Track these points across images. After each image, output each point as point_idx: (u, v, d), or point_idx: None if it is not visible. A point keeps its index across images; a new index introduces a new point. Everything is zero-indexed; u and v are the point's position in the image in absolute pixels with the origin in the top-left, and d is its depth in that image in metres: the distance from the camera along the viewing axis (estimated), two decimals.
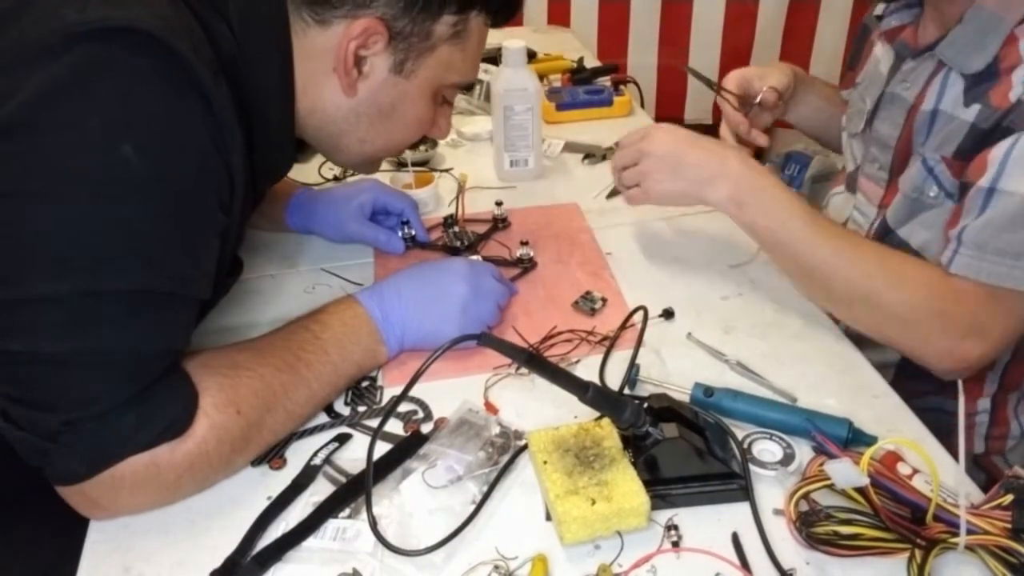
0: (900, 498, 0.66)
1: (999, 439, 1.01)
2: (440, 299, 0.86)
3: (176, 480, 0.69)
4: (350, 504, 0.71)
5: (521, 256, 1.03)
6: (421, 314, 0.85)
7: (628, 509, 0.66)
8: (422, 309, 0.85)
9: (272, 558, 0.67)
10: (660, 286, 1.01)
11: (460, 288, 0.86)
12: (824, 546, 0.66)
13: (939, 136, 0.89)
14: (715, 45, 2.29)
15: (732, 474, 0.72)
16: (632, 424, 0.71)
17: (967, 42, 0.86)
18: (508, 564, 0.66)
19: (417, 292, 0.86)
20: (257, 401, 0.73)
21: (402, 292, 0.85)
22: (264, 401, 0.73)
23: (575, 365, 0.88)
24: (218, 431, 0.70)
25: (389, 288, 0.86)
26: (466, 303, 0.86)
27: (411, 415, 0.82)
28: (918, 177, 0.92)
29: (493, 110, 1.22)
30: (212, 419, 0.70)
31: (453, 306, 0.86)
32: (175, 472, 0.69)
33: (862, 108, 1.05)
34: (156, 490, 0.69)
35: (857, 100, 1.08)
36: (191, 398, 0.69)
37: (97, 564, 0.68)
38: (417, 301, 0.85)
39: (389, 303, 0.84)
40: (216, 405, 0.70)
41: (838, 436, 0.75)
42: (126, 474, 0.67)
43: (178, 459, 0.68)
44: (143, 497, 0.70)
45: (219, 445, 0.70)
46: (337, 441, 0.78)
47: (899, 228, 0.97)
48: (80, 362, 0.64)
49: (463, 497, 0.72)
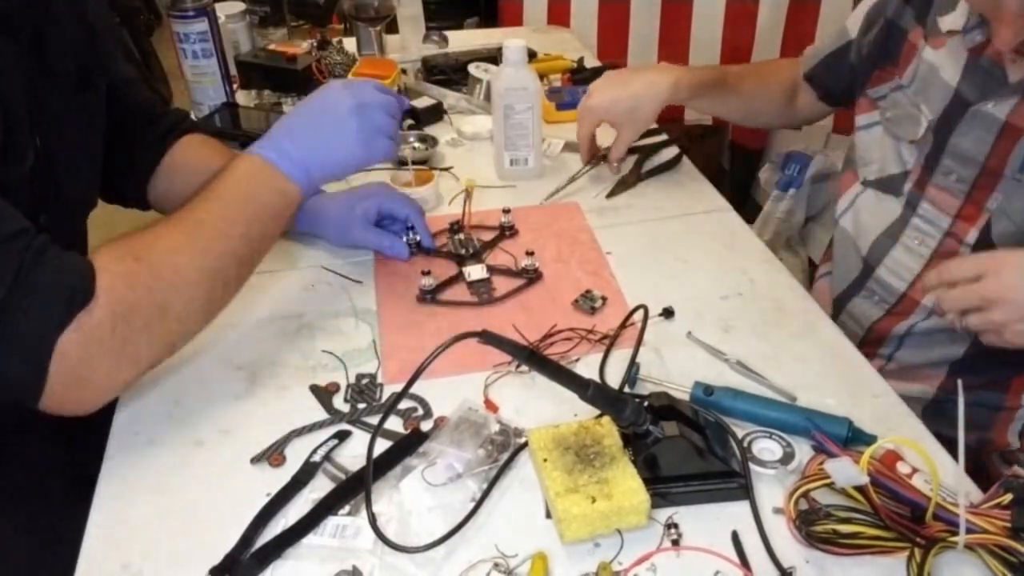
0: (900, 497, 0.66)
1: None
2: (330, 120, 0.87)
3: (114, 334, 0.70)
4: (350, 501, 0.71)
5: (526, 267, 1.02)
6: (316, 140, 0.86)
7: (628, 507, 0.66)
8: (316, 135, 0.86)
9: (272, 555, 0.67)
10: (660, 285, 1.01)
11: (345, 106, 0.87)
12: (824, 545, 0.66)
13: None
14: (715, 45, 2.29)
15: (732, 473, 0.72)
16: (632, 422, 0.71)
17: None
18: (508, 562, 0.66)
19: (305, 121, 0.87)
20: (156, 247, 0.75)
21: (290, 127, 0.87)
22: (165, 246, 0.76)
23: (575, 364, 0.88)
24: (124, 278, 0.72)
25: (279, 130, 0.88)
26: (358, 120, 0.87)
27: (411, 412, 0.82)
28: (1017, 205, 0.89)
29: (493, 109, 1.22)
30: (113, 270, 0.71)
31: (345, 123, 0.87)
32: (107, 327, 0.69)
33: (915, 114, 1.01)
34: (106, 352, 0.70)
35: (907, 105, 1.03)
36: (81, 264, 0.70)
37: (95, 560, 0.68)
38: (307, 130, 0.86)
39: (283, 143, 0.86)
40: (114, 259, 0.72)
41: (838, 435, 0.75)
42: (68, 351, 0.67)
43: (100, 315, 0.69)
44: (100, 364, 0.70)
45: (132, 289, 0.72)
46: (337, 438, 0.78)
47: None
48: None
49: (463, 495, 0.72)
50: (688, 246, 1.09)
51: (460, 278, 1.01)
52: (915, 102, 1.02)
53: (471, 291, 0.99)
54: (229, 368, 0.88)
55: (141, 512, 0.72)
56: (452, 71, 1.56)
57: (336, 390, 0.85)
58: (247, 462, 0.76)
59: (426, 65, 1.61)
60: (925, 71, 1.01)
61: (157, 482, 0.75)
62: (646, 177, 1.26)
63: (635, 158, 1.31)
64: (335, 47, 1.63)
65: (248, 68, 1.55)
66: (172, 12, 1.34)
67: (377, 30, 1.67)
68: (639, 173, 1.26)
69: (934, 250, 1.01)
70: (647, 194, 1.23)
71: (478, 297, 0.98)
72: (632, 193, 1.23)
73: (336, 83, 0.90)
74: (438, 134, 1.38)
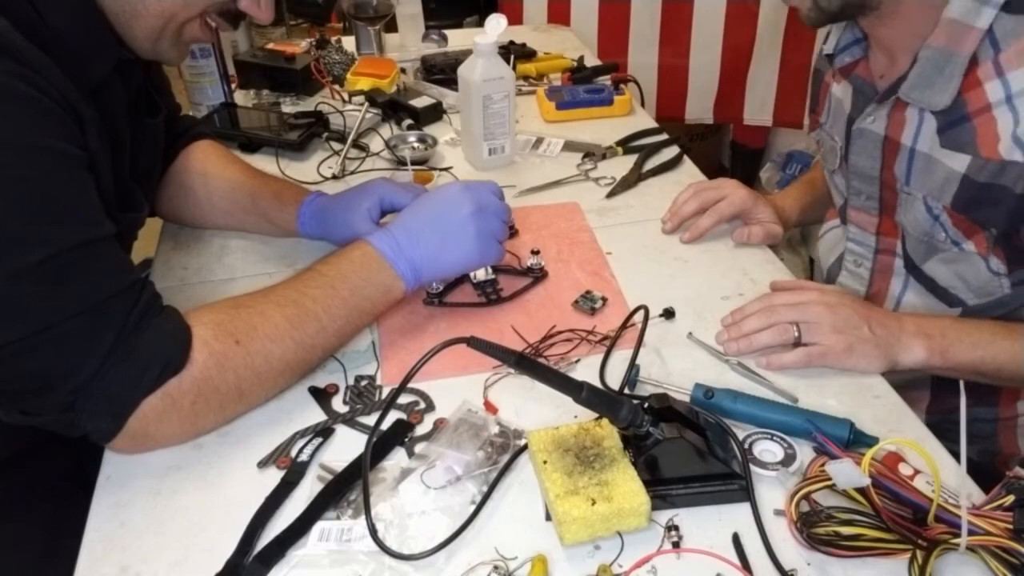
0: (901, 499, 0.66)
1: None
2: (450, 227, 0.87)
3: (192, 407, 0.74)
4: (349, 503, 0.71)
5: (531, 266, 1.02)
6: (434, 241, 0.87)
7: (628, 509, 0.66)
8: (434, 237, 0.87)
9: (275, 557, 0.67)
10: (660, 286, 1.00)
11: (466, 211, 0.87)
12: (825, 547, 0.66)
13: (924, 178, 0.90)
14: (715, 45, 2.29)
15: (733, 474, 0.71)
16: (630, 423, 0.70)
17: (927, 82, 0.86)
18: (508, 564, 0.66)
19: (427, 224, 0.87)
20: (256, 332, 0.77)
21: (410, 226, 0.87)
22: (265, 333, 0.77)
23: (575, 365, 0.87)
24: (218, 358, 0.74)
25: (398, 226, 0.88)
26: (476, 225, 0.87)
27: (413, 406, 0.82)
28: (924, 222, 0.92)
29: (470, 101, 1.22)
30: (211, 347, 0.74)
31: (464, 229, 0.87)
32: (188, 399, 0.73)
33: (833, 145, 1.07)
34: (178, 420, 0.74)
35: (827, 139, 1.09)
36: (182, 333, 0.73)
37: (94, 563, 0.68)
38: (428, 234, 0.87)
39: (400, 239, 0.86)
40: (216, 336, 0.75)
41: (839, 437, 0.75)
42: (147, 413, 0.72)
43: (187, 387, 0.73)
44: (169, 428, 0.74)
45: (221, 372, 0.75)
46: (321, 436, 0.78)
47: (922, 265, 0.97)
48: (43, 339, 0.66)
49: (462, 497, 0.71)
50: (688, 246, 1.09)
51: (466, 279, 1.01)
52: (831, 135, 1.07)
53: (478, 292, 0.99)
54: None
55: (140, 515, 0.72)
56: (451, 70, 1.55)
57: (335, 392, 0.84)
58: (246, 465, 0.76)
59: (425, 64, 1.61)
60: (835, 105, 1.06)
61: (156, 485, 0.74)
62: (647, 177, 1.26)
63: (635, 158, 1.30)
64: (334, 46, 1.63)
65: (247, 68, 1.55)
66: None
67: (376, 29, 1.67)
68: (640, 173, 1.26)
69: (872, 270, 1.05)
70: (648, 194, 1.22)
71: (486, 298, 0.98)
72: (632, 193, 1.22)
73: (457, 185, 0.90)
74: (437, 134, 1.38)
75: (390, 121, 1.43)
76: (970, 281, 0.93)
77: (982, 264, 0.90)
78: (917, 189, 0.92)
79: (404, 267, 0.85)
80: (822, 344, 0.85)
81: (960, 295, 0.95)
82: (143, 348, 0.71)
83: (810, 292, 0.90)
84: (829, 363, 0.85)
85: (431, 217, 0.87)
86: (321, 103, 1.47)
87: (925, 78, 0.86)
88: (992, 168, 0.83)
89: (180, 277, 1.04)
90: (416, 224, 0.87)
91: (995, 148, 0.82)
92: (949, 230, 0.90)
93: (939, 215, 0.90)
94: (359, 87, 1.49)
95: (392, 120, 1.43)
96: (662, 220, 1.11)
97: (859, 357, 0.84)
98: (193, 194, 1.08)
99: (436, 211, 0.88)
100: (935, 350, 0.85)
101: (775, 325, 0.87)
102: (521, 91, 1.52)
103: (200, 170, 1.07)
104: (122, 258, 0.74)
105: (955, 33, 0.83)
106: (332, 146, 1.32)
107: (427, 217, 0.88)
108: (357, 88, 1.49)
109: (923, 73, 0.86)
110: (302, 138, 1.31)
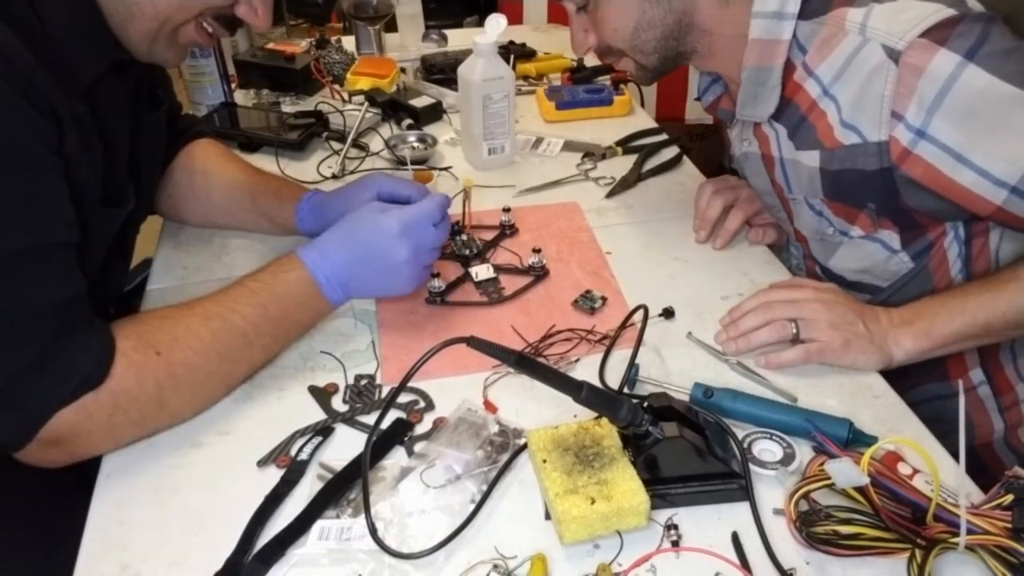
0: (900, 498, 0.66)
1: (1012, 408, 1.00)
2: (384, 266, 0.86)
3: (109, 419, 0.73)
4: (349, 502, 0.71)
5: (532, 264, 1.02)
6: (369, 279, 0.87)
7: (628, 508, 0.66)
8: (369, 275, 0.86)
9: (274, 556, 0.67)
10: (659, 285, 1.00)
11: (402, 257, 0.85)
12: (824, 546, 0.66)
13: (799, 181, 0.96)
14: None
15: (732, 474, 0.72)
16: (630, 423, 0.70)
17: (752, 99, 0.94)
18: (507, 563, 0.66)
19: (361, 260, 0.85)
20: (179, 344, 0.76)
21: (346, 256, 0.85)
22: (188, 344, 0.77)
23: (574, 364, 0.88)
24: (137, 369, 0.73)
25: (334, 252, 0.86)
26: (411, 268, 0.87)
27: (412, 405, 0.82)
28: (812, 220, 0.98)
29: (470, 101, 1.22)
30: (130, 358, 0.73)
31: (398, 274, 0.86)
32: (105, 412, 0.72)
33: None
34: (96, 434, 0.73)
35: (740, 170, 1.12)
36: (106, 345, 0.73)
37: (94, 562, 0.68)
38: (363, 269, 0.86)
39: (337, 266, 0.85)
40: (135, 347, 0.74)
41: (838, 436, 0.75)
42: (61, 426, 0.70)
43: (103, 399, 0.72)
44: (86, 442, 0.73)
45: (140, 383, 0.74)
46: (321, 435, 0.78)
47: (827, 263, 1.02)
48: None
49: (462, 496, 0.72)
50: (688, 246, 1.09)
51: (467, 278, 1.01)
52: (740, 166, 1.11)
53: (480, 291, 0.99)
54: None
55: (140, 514, 0.72)
56: (451, 70, 1.55)
57: (335, 391, 0.84)
58: (246, 463, 0.76)
59: (425, 64, 1.61)
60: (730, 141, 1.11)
61: (156, 484, 0.74)
62: (646, 177, 1.26)
63: (635, 158, 1.30)
64: (334, 46, 1.63)
65: (246, 67, 1.55)
66: None
67: (376, 29, 1.67)
68: (639, 173, 1.26)
69: (808, 274, 1.09)
70: (647, 194, 1.23)
71: (488, 297, 0.98)
72: (632, 193, 1.23)
73: (396, 226, 0.85)
74: (437, 133, 1.38)
75: (390, 121, 1.43)
76: (872, 267, 0.97)
77: (876, 246, 0.94)
78: (798, 192, 0.98)
79: (336, 294, 0.86)
80: (820, 340, 0.85)
81: (871, 282, 0.99)
82: (62, 361, 0.70)
83: (806, 289, 0.91)
84: (827, 360, 0.86)
85: (366, 253, 0.85)
86: (321, 103, 1.47)
87: (750, 95, 0.93)
88: (839, 155, 0.88)
89: (180, 277, 1.04)
90: (352, 255, 0.86)
91: (833, 137, 0.88)
92: (833, 221, 0.95)
93: (821, 210, 0.96)
94: (359, 87, 1.49)
95: (392, 120, 1.43)
96: (694, 230, 1.11)
97: (857, 353, 0.85)
98: (193, 192, 1.08)
99: (371, 248, 0.85)
100: (919, 334, 0.86)
101: (773, 322, 0.87)
102: (521, 91, 1.52)
103: (200, 168, 1.07)
104: (66, 269, 0.73)
105: (765, 50, 0.90)
106: (332, 146, 1.32)
107: (362, 251, 0.86)
108: (357, 88, 1.50)
109: (747, 91, 0.93)
110: (302, 138, 1.31)
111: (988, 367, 0.99)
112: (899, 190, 0.86)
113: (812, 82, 0.88)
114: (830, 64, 0.86)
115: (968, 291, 0.87)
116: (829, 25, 0.85)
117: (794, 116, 0.92)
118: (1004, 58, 0.77)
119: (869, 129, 0.84)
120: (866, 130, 0.85)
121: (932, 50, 0.78)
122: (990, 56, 0.77)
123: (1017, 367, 0.99)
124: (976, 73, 0.77)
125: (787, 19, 0.88)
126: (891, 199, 0.88)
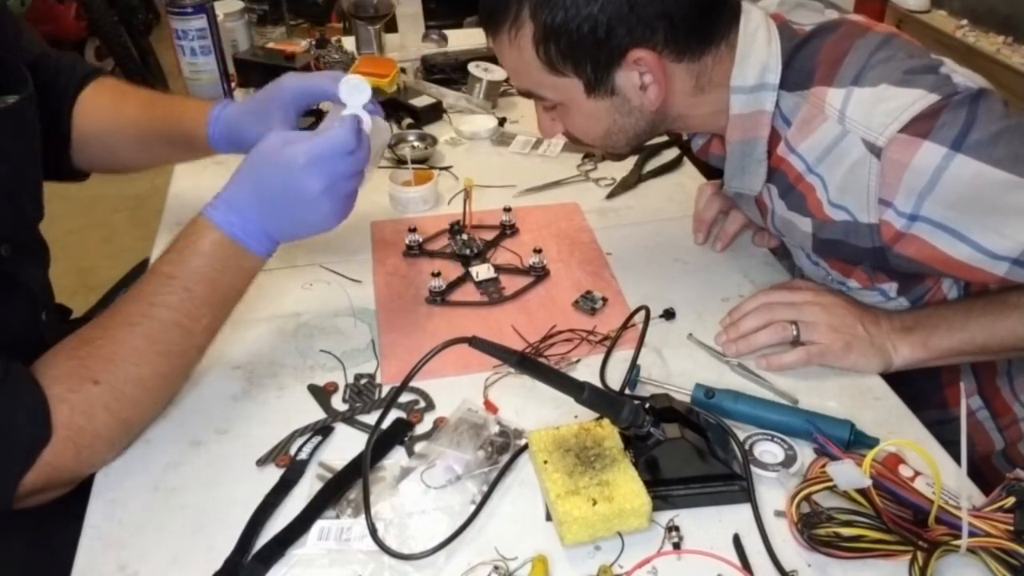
0: (902, 500, 0.66)
1: (1012, 426, 1.00)
2: (298, 202, 0.77)
3: (75, 462, 0.71)
4: (349, 502, 0.71)
5: (533, 264, 1.02)
6: (286, 220, 0.79)
7: (629, 510, 0.66)
8: (284, 215, 0.78)
9: (274, 557, 0.66)
10: (660, 286, 1.00)
11: (315, 186, 0.76)
12: (826, 548, 0.65)
13: (792, 236, 0.94)
14: None
15: (733, 475, 0.71)
16: (631, 424, 0.70)
17: (740, 171, 0.91)
18: (508, 564, 0.66)
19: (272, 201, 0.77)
20: (114, 363, 0.73)
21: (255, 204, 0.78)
22: (124, 359, 0.73)
23: (575, 365, 0.87)
24: (83, 408, 0.70)
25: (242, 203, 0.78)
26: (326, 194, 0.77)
27: (413, 405, 0.82)
28: (810, 267, 0.98)
29: None
30: (69, 402, 0.70)
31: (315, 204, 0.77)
32: (69, 458, 0.70)
33: None
34: (70, 472, 0.72)
35: None
36: (36, 402, 0.69)
37: (92, 561, 0.67)
38: (275, 210, 0.78)
39: (246, 220, 0.77)
40: (70, 388, 0.71)
41: (840, 438, 0.75)
42: (30, 489, 0.69)
43: (61, 449, 0.69)
44: (59, 485, 0.72)
45: (91, 420, 0.71)
46: (320, 435, 0.78)
47: None
48: None
49: (463, 497, 0.71)
50: (689, 247, 1.09)
51: (468, 278, 1.01)
52: None
53: (480, 291, 0.99)
54: (226, 368, 0.87)
55: (138, 513, 0.71)
56: (451, 70, 1.55)
57: (334, 390, 0.84)
58: (245, 462, 0.76)
59: (425, 64, 1.61)
60: None
61: (154, 482, 0.74)
62: (647, 177, 1.26)
63: (635, 158, 1.30)
64: (334, 46, 1.63)
65: (246, 67, 1.55)
66: (171, 8, 1.33)
67: (376, 29, 1.67)
68: (640, 174, 1.26)
69: None
70: (648, 194, 1.22)
71: (488, 296, 0.98)
72: (632, 193, 1.22)
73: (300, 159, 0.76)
74: (437, 133, 1.38)
75: (390, 120, 1.43)
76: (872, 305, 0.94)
77: (874, 294, 0.93)
78: (792, 244, 0.98)
79: (262, 246, 0.78)
80: (820, 343, 0.85)
81: None
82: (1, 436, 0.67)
83: (805, 292, 0.90)
84: (828, 362, 0.85)
85: (277, 193, 0.77)
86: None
87: (737, 168, 0.91)
88: (830, 227, 0.86)
89: None
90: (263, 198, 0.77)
91: (823, 211, 0.86)
92: (831, 272, 0.95)
93: (817, 261, 0.96)
94: None
95: (392, 119, 1.43)
96: (693, 232, 1.10)
97: (857, 355, 0.85)
98: (103, 146, 1.02)
99: (281, 187, 0.77)
100: (917, 343, 0.85)
101: (773, 324, 0.87)
102: None
103: (100, 118, 1.00)
104: None
105: (748, 123, 0.87)
106: None
107: (272, 193, 0.77)
108: None
109: (734, 164, 0.91)
110: None
111: (985, 393, 0.99)
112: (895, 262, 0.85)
113: (795, 159, 0.85)
114: (811, 146, 0.83)
115: (972, 309, 0.86)
116: (810, 104, 0.82)
117: (783, 182, 0.89)
118: (993, 143, 0.74)
119: (858, 211, 0.82)
120: (855, 211, 0.82)
121: (915, 144, 0.75)
122: (978, 144, 0.74)
123: (1013, 389, 0.99)
124: (965, 162, 0.74)
125: (768, 90, 0.84)
126: (886, 264, 0.86)
